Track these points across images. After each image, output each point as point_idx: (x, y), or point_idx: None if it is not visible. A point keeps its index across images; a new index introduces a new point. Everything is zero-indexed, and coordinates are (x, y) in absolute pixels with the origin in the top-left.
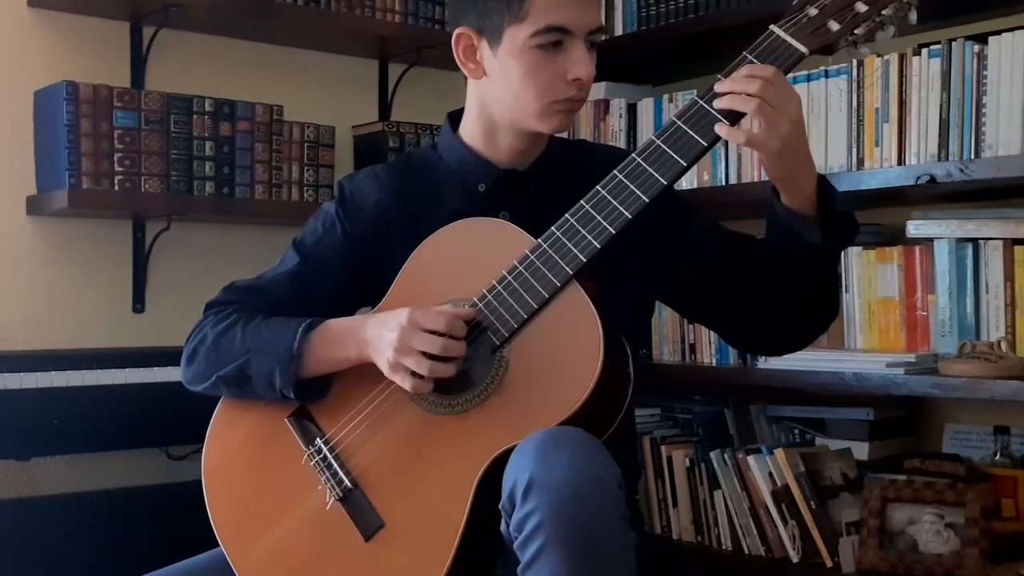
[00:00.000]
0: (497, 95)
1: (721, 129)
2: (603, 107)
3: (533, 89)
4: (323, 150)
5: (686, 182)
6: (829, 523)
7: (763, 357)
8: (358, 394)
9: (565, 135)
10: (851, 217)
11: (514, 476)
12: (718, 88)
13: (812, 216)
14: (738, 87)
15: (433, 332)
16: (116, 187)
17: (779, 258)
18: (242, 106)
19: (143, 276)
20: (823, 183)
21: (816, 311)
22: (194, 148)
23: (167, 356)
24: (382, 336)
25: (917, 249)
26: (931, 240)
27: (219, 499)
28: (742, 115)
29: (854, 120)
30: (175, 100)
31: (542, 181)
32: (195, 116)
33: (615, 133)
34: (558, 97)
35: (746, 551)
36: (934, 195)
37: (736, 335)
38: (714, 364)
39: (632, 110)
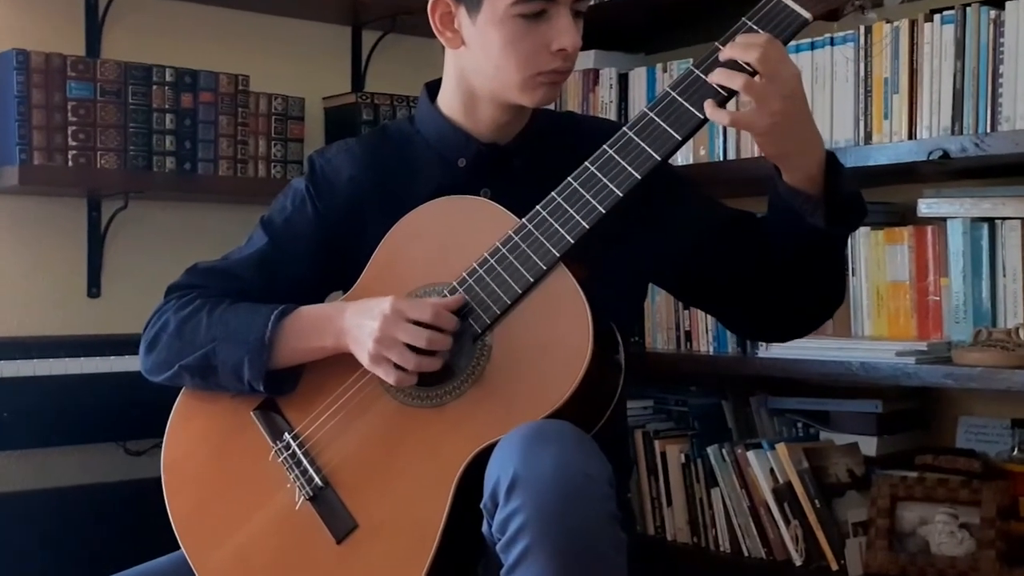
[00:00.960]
0: (477, 66)
1: (707, 108)
2: (592, 77)
3: (515, 60)
4: (292, 123)
5: (681, 157)
6: (834, 523)
7: (764, 345)
8: (329, 386)
9: (551, 107)
10: (858, 199)
11: (497, 473)
12: (720, 56)
13: (816, 196)
14: (734, 54)
15: (418, 323)
16: (70, 163)
17: (780, 240)
18: (205, 76)
19: (98, 258)
20: (831, 161)
21: (820, 297)
22: (153, 121)
23: (124, 344)
24: (363, 326)
25: (929, 229)
26: (944, 220)
27: (179, 498)
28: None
29: (861, 91)
30: (133, 69)
31: (526, 156)
32: (154, 87)
33: (605, 105)
34: (542, 69)
35: (745, 553)
36: (947, 171)
37: (735, 320)
38: (711, 352)
39: (623, 80)
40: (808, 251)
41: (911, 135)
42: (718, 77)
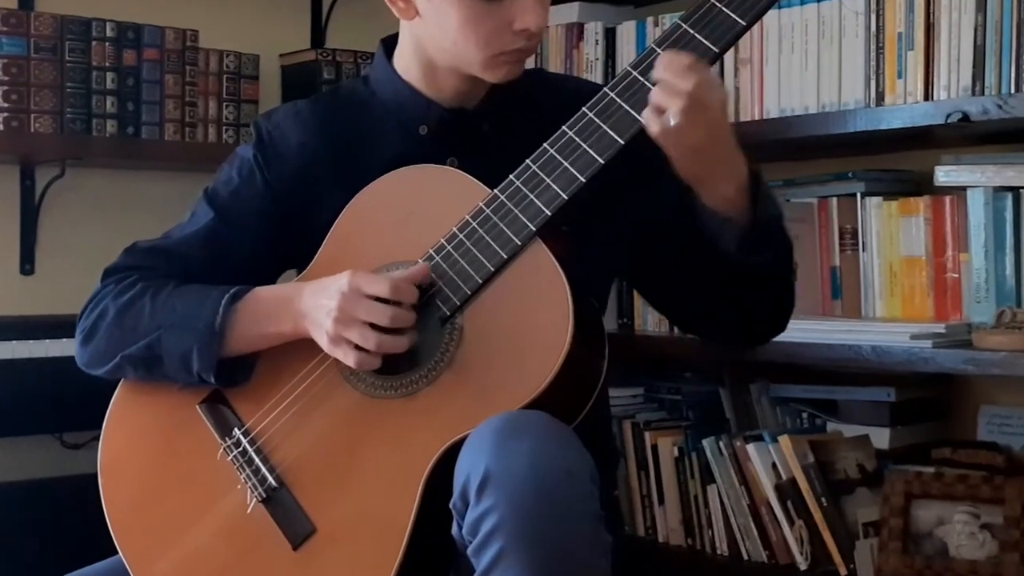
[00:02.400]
0: (433, 39)
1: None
2: (576, 32)
3: (474, 39)
4: (245, 83)
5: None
6: (843, 524)
7: None
8: (284, 375)
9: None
10: (775, 225)
11: (467, 470)
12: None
13: (736, 219)
14: (667, 78)
15: (379, 299)
16: (0, 126)
17: (706, 257)
18: (149, 31)
19: (32, 232)
20: (755, 182)
21: (756, 313)
22: (93, 80)
23: (61, 326)
24: (321, 306)
25: (947, 199)
26: (963, 189)
27: (119, 503)
28: None
29: (872, 48)
30: (70, 23)
31: (494, 120)
32: (94, 42)
33: (590, 63)
34: (504, 48)
35: (745, 556)
36: (967, 136)
37: (680, 317)
38: None
39: (610, 35)
40: (728, 275)
41: (927, 96)
42: (657, 96)
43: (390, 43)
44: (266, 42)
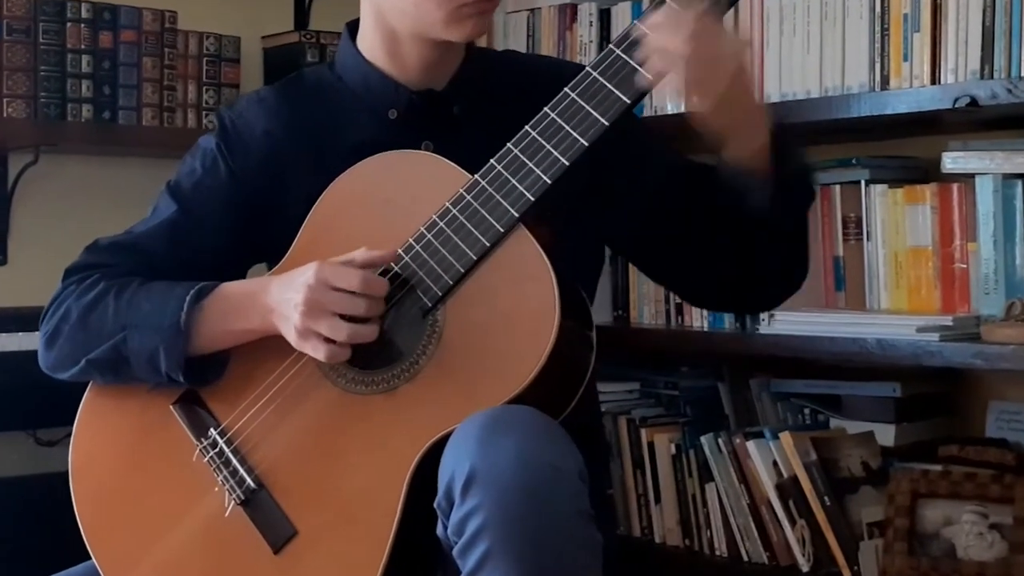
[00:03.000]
0: (393, 4)
1: (644, 80)
2: (569, 12)
3: None
4: (226, 66)
5: (670, 105)
6: (847, 524)
7: (766, 320)
8: (260, 372)
9: (488, 45)
10: (804, 177)
11: (451, 468)
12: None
13: (761, 173)
14: (659, 41)
15: (347, 291)
16: None
17: (727, 215)
18: (126, 12)
19: (5, 221)
20: (779, 134)
21: (777, 273)
22: (68, 63)
23: (35, 318)
24: (288, 299)
25: (955, 187)
26: (972, 176)
27: (92, 507)
28: None
29: (877, 29)
30: (44, 4)
31: (466, 101)
32: (69, 24)
33: (584, 45)
34: (465, 0)
35: (745, 558)
36: (975, 121)
37: (693, 290)
38: (706, 328)
39: (605, 17)
40: (756, 231)
41: (934, 79)
42: (656, 60)
43: (355, 27)
44: (247, 24)
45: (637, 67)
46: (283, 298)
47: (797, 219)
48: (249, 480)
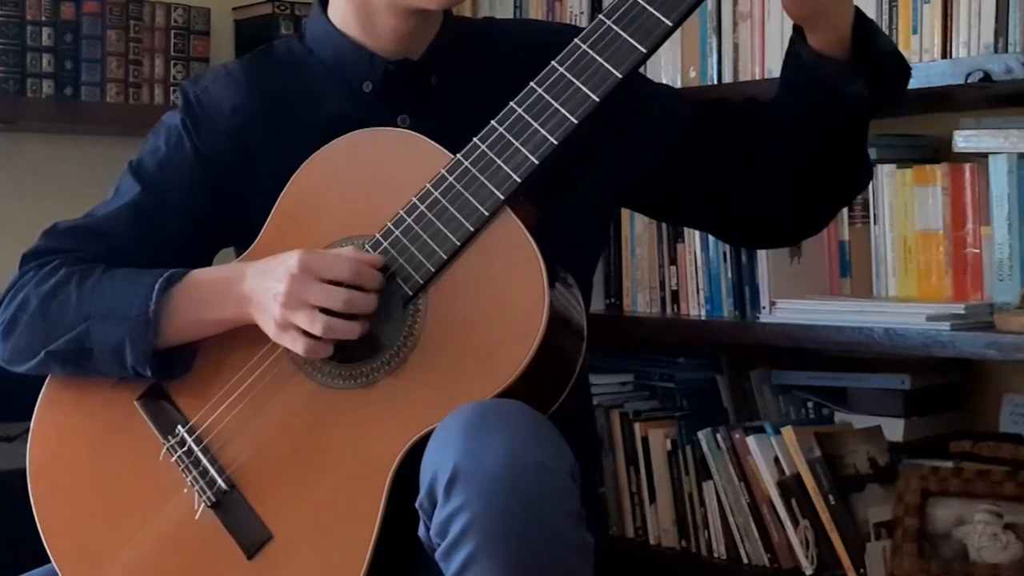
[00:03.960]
0: None
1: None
2: None
3: None
4: (195, 39)
5: (666, 80)
6: (852, 524)
7: (768, 308)
8: (231, 365)
9: (467, 13)
10: (899, 57)
11: (434, 466)
12: None
13: (848, 61)
14: None
15: (333, 282)
16: None
17: (804, 120)
18: None
19: None
20: (859, 16)
21: (849, 175)
22: (27, 36)
23: None
24: (267, 288)
25: (967, 167)
26: (985, 155)
27: (52, 511)
28: None
29: (884, 0)
30: None
31: (445, 71)
32: None
33: (575, 16)
34: None
35: (745, 560)
36: (989, 97)
37: (733, 228)
38: (703, 316)
39: None
40: (841, 127)
41: (945, 54)
42: None
43: None
44: None
45: (629, 39)
46: (262, 287)
47: (898, 96)
48: (220, 481)
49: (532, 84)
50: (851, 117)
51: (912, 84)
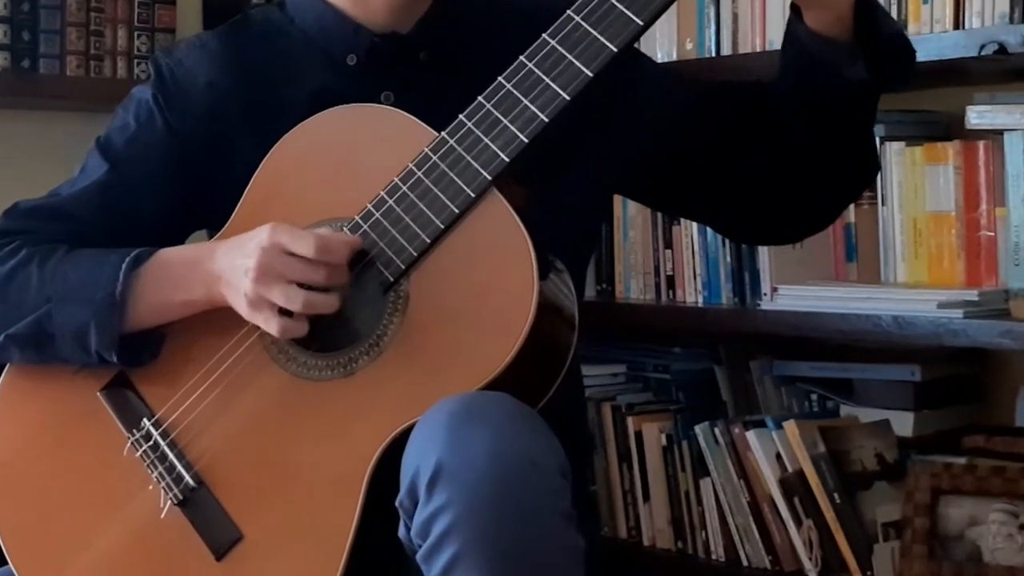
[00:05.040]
0: None
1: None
2: None
3: None
4: (161, 9)
5: (661, 53)
6: (859, 524)
7: (768, 294)
8: (199, 354)
9: None
10: (903, 39)
11: (416, 462)
12: None
13: (848, 42)
14: None
15: (304, 258)
16: None
17: (803, 104)
18: None
19: None
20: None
21: (852, 172)
22: None
23: None
24: (237, 266)
25: (981, 145)
26: (1000, 132)
27: (9, 508)
28: None
29: None
30: None
31: (433, 47)
32: None
33: None
34: None
35: (745, 562)
36: (1004, 71)
37: (735, 220)
38: (700, 304)
39: None
40: (841, 113)
41: (958, 24)
42: None
43: None
44: None
45: (625, 10)
46: (232, 264)
47: (901, 81)
48: (187, 477)
49: (522, 58)
50: (852, 102)
51: (923, 57)
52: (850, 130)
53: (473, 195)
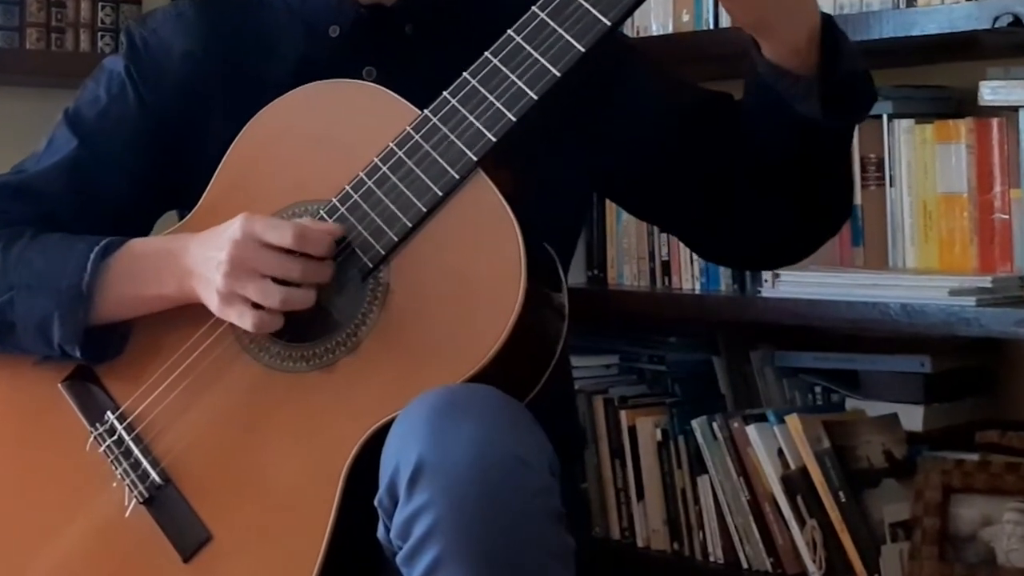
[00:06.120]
0: None
1: None
2: None
3: None
4: None
5: (655, 25)
6: (866, 524)
7: (770, 279)
8: (167, 345)
9: None
10: (863, 79)
11: (396, 459)
12: None
13: (807, 75)
14: None
15: (280, 249)
16: None
17: (762, 133)
18: None
19: None
20: (827, 28)
21: (819, 207)
22: None
23: None
24: (208, 258)
25: (995, 122)
26: (1015, 109)
27: None
28: None
29: None
30: None
31: (420, 21)
32: None
33: None
34: None
35: (744, 565)
36: (1019, 43)
37: (703, 240)
38: (698, 291)
39: None
40: (800, 148)
41: None
42: None
43: None
44: None
45: None
46: (204, 257)
47: (848, 132)
48: (153, 474)
49: (510, 32)
50: (806, 139)
51: (933, 29)
52: (809, 166)
53: (457, 177)
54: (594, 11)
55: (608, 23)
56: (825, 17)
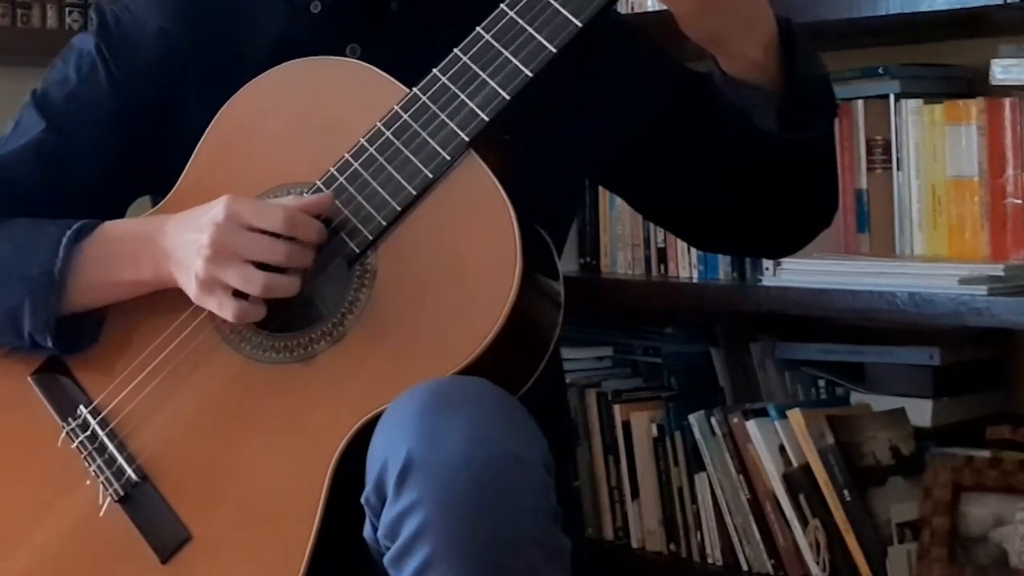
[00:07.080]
0: None
1: None
2: None
3: None
4: None
5: (651, 1)
6: (872, 524)
7: (770, 268)
8: (143, 335)
9: None
10: (822, 87)
11: (383, 455)
12: None
13: (767, 87)
14: None
15: (266, 233)
16: None
17: (727, 137)
18: None
19: None
20: (785, 35)
21: (796, 207)
22: None
23: None
24: (188, 242)
25: (1007, 103)
26: None
27: None
28: None
29: None
30: None
31: None
32: None
33: None
34: None
35: (744, 566)
36: None
37: (691, 230)
38: (695, 279)
39: None
40: (763, 156)
41: None
42: None
43: None
44: None
45: None
46: (183, 240)
47: (818, 141)
48: (129, 471)
49: (503, 6)
50: (768, 149)
51: (942, 4)
52: (783, 173)
53: (449, 158)
54: None
55: None
56: (783, 24)
